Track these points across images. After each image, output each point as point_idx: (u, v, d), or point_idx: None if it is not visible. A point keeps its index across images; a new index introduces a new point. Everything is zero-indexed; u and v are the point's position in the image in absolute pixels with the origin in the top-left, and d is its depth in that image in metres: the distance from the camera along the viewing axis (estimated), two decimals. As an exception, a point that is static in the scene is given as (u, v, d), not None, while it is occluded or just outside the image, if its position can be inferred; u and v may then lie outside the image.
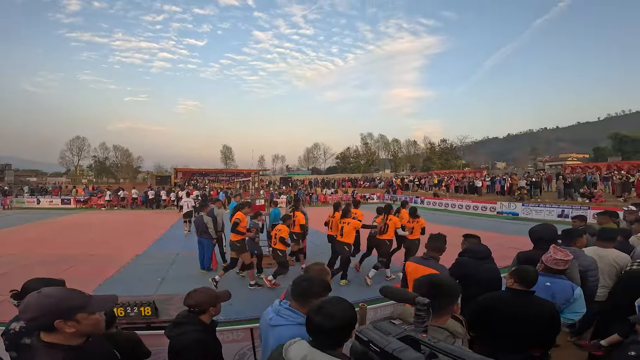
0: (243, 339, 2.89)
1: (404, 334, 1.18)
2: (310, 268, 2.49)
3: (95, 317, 1.38)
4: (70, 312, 1.31)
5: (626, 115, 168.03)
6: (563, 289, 2.56)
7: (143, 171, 66.18)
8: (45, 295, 1.31)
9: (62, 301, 1.31)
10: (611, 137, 51.84)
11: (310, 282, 1.96)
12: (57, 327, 1.29)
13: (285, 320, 1.85)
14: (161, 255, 8.88)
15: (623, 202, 14.47)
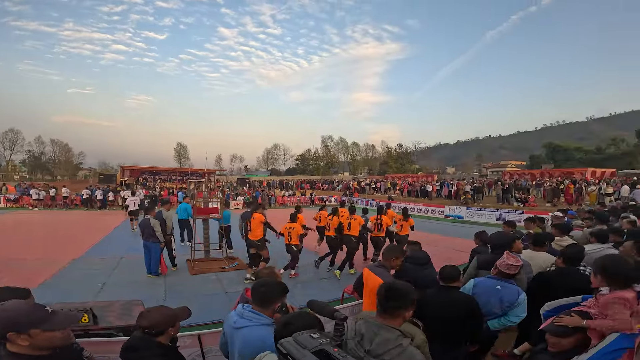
0: (191, 345, 2.88)
1: (319, 348, 1.22)
2: (261, 272, 2.56)
3: (50, 334, 1.40)
4: (24, 327, 1.34)
5: (560, 125, 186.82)
6: (511, 293, 2.81)
7: (85, 168, 61.22)
8: (3, 309, 1.36)
9: (19, 316, 1.35)
10: (545, 146, 57.16)
11: (268, 286, 2.03)
12: (10, 339, 1.33)
13: (249, 322, 1.90)
14: (102, 259, 8.35)
15: (552, 207, 16.12)
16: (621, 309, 1.90)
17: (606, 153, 48.97)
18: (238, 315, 1.97)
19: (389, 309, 1.71)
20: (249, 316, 1.93)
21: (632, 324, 1.87)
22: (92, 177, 45.11)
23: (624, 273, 2.02)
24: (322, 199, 29.40)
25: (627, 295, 1.94)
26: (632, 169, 36.72)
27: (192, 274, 7.12)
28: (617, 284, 2.02)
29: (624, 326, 1.86)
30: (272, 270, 2.59)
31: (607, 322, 1.91)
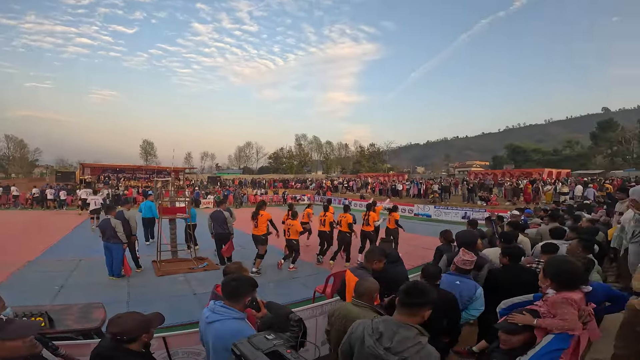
0: (157, 348, 2.82)
1: (273, 349, 1.23)
2: (228, 267, 2.58)
3: (11, 344, 1.36)
4: None
5: (520, 128, 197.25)
6: (469, 287, 2.99)
7: (42, 165, 57.39)
8: None
9: None
10: (507, 147, 60.27)
11: (238, 281, 2.09)
12: None
13: (221, 316, 1.95)
14: (60, 261, 7.93)
15: (512, 205, 17.03)
16: (570, 309, 1.95)
17: (562, 154, 52.38)
18: (210, 310, 2.02)
19: (411, 307, 1.75)
20: (220, 311, 1.98)
21: (579, 323, 1.94)
22: (48, 175, 42.24)
23: (571, 275, 2.06)
24: (294, 198, 29.40)
25: (574, 297, 1.99)
26: (586, 169, 39.59)
27: (159, 275, 6.91)
28: (564, 286, 2.06)
29: (573, 326, 1.92)
30: (239, 265, 2.63)
31: (557, 322, 1.95)
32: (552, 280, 2.10)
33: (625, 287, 5.01)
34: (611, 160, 46.08)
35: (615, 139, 46.20)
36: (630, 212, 4.85)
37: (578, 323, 1.95)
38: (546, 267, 2.18)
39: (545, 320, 2.01)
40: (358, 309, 2.34)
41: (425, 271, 2.92)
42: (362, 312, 2.29)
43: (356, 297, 2.44)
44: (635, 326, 2.47)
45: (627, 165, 41.37)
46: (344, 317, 2.36)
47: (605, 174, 32.29)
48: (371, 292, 2.44)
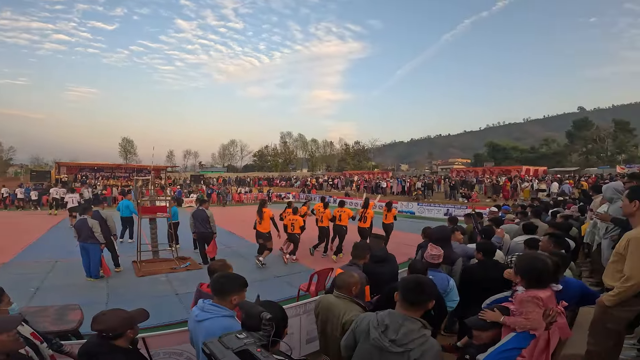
0: (135, 350, 2.77)
1: (243, 348, 1.22)
2: (212, 265, 2.59)
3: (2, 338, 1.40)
4: None
5: (500, 126, 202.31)
6: (441, 280, 3.05)
7: (16, 164, 55.09)
8: None
9: None
10: (487, 145, 61.71)
11: (227, 278, 2.12)
12: None
13: (211, 314, 1.97)
14: (35, 262, 7.68)
15: (492, 202, 17.49)
16: (534, 308, 1.94)
17: (539, 152, 54.03)
18: (199, 309, 2.03)
19: (417, 302, 1.81)
20: (210, 309, 2.00)
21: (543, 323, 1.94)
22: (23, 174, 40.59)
23: (540, 273, 2.06)
24: (279, 196, 29.28)
25: (541, 295, 1.99)
26: (562, 167, 40.98)
27: (139, 275, 6.76)
28: (534, 283, 2.06)
29: (536, 325, 1.92)
30: (224, 262, 2.65)
31: (521, 320, 1.96)
32: (522, 277, 2.10)
33: (598, 282, 5.20)
34: (586, 158, 47.80)
35: (590, 137, 47.91)
36: (604, 208, 5.05)
37: (541, 323, 1.94)
38: (517, 264, 2.18)
39: (510, 318, 2.02)
40: (339, 300, 2.49)
41: (412, 267, 3.00)
42: (342, 304, 2.44)
43: (336, 289, 2.57)
44: (605, 322, 2.49)
45: (601, 163, 43.06)
46: (327, 308, 2.54)
47: (580, 171, 33.51)
48: (349, 285, 2.53)
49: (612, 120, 48.89)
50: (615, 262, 2.49)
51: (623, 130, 45.70)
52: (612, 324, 2.49)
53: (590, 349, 2.70)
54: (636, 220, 2.49)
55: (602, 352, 2.63)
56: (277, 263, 7.99)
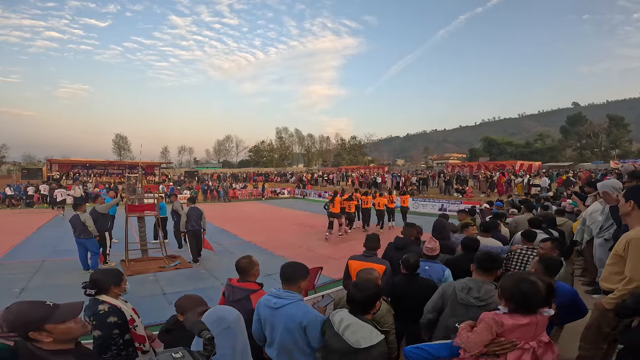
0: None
1: None
2: (239, 262, 2.73)
3: (67, 325, 1.46)
4: (33, 324, 1.39)
5: (496, 121, 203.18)
6: (437, 270, 3.25)
7: (8, 162, 54.38)
8: (9, 312, 1.42)
9: (20, 317, 1.40)
10: (482, 140, 61.83)
11: (294, 266, 2.35)
12: (33, 338, 1.39)
13: (288, 300, 2.19)
14: (21, 263, 7.53)
15: (487, 197, 17.50)
16: (483, 331, 1.70)
17: (534, 147, 54.16)
18: (276, 297, 2.24)
19: (489, 269, 2.40)
20: (286, 296, 2.22)
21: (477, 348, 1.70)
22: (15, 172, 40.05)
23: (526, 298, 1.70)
24: (274, 191, 29.16)
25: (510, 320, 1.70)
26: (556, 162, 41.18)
27: (127, 274, 6.62)
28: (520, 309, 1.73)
29: (468, 347, 1.71)
30: (250, 258, 2.78)
31: (462, 335, 1.77)
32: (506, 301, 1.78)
33: (590, 281, 5.16)
34: (580, 153, 48.06)
35: (584, 132, 48.10)
36: (595, 206, 4.97)
37: (475, 347, 1.69)
38: (501, 285, 1.86)
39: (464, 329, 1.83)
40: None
41: (405, 263, 3.05)
42: None
43: None
44: (602, 326, 2.45)
45: (595, 158, 43.31)
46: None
47: (574, 166, 33.69)
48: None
49: (607, 116, 49.11)
50: (614, 264, 2.41)
51: (617, 126, 45.94)
52: (609, 328, 2.43)
53: (583, 353, 2.64)
54: (631, 221, 2.42)
55: (594, 357, 2.57)
56: (269, 261, 7.87)
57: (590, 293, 4.68)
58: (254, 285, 2.63)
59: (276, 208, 20.78)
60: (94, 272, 2.49)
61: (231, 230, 12.10)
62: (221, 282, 6.50)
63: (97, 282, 2.34)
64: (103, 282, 2.36)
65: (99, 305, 2.23)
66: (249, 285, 2.61)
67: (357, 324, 1.99)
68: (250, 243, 9.99)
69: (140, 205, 7.55)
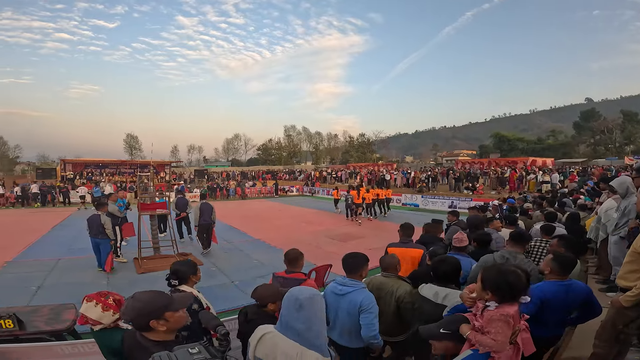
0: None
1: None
2: (288, 253, 2.98)
3: (179, 314, 1.55)
4: (158, 311, 1.48)
5: (506, 117, 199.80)
6: (465, 264, 3.25)
7: (23, 162, 55.66)
8: (136, 300, 1.51)
9: (149, 304, 1.49)
10: (493, 136, 60.97)
11: (355, 258, 2.57)
12: (152, 327, 1.47)
13: (352, 288, 2.45)
14: (37, 261, 7.67)
15: (497, 194, 17.29)
16: (505, 329, 1.76)
17: (546, 143, 53.31)
18: (341, 284, 2.50)
19: (520, 241, 3.18)
20: (350, 284, 2.47)
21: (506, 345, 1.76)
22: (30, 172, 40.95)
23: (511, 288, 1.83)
24: (283, 189, 29.28)
25: (510, 312, 1.80)
26: (569, 158, 40.42)
27: (140, 272, 6.75)
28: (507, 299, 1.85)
29: (501, 348, 1.74)
30: (297, 250, 3.01)
31: (488, 341, 1.77)
32: (492, 293, 1.87)
33: (605, 279, 5.07)
34: (594, 149, 47.13)
35: (597, 128, 47.14)
36: (610, 203, 4.88)
37: (506, 345, 1.76)
38: (484, 277, 1.94)
39: (477, 335, 1.82)
40: (388, 279, 2.89)
41: (432, 254, 3.37)
42: (391, 281, 2.86)
43: (383, 270, 2.97)
44: (617, 324, 2.42)
45: (609, 154, 42.43)
46: (378, 287, 2.86)
47: (587, 162, 33.02)
48: (393, 265, 2.93)
49: (620, 111, 48.00)
50: (632, 262, 2.37)
51: (631, 121, 44.94)
52: (625, 326, 2.39)
53: (597, 351, 2.60)
54: None
55: (608, 355, 2.53)
56: (278, 259, 7.92)
57: (604, 291, 4.59)
58: (301, 275, 2.88)
59: (285, 206, 20.87)
60: (174, 263, 2.60)
61: (240, 228, 12.19)
62: (231, 279, 6.58)
63: (178, 273, 2.46)
64: (184, 272, 2.50)
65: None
66: (298, 276, 2.86)
67: (453, 293, 2.33)
68: (259, 241, 10.05)
69: (153, 203, 7.66)
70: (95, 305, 1.93)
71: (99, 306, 1.93)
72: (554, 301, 2.39)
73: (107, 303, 1.96)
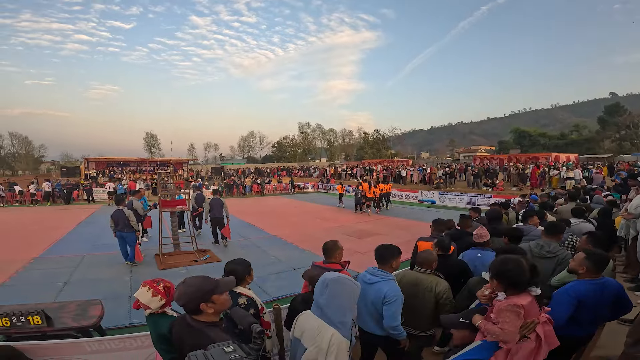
0: (149, 345, 2.77)
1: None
2: (326, 244, 3.09)
3: (224, 296, 1.67)
4: (207, 295, 1.60)
5: (526, 112, 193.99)
6: (488, 258, 3.32)
7: (48, 161, 57.81)
8: (188, 285, 1.63)
9: (200, 288, 1.61)
10: (513, 131, 59.35)
11: (387, 248, 2.67)
12: (202, 309, 1.59)
13: (380, 278, 2.54)
14: (63, 258, 7.89)
15: (518, 191, 16.82)
16: (513, 319, 1.76)
17: (569, 139, 51.51)
18: (370, 274, 2.61)
19: (555, 233, 3.44)
20: (379, 274, 2.57)
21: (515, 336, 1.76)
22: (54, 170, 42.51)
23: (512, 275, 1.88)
24: (298, 186, 29.37)
25: (522, 302, 1.80)
26: (593, 154, 38.95)
27: (161, 268, 6.89)
28: (510, 288, 1.89)
29: (508, 338, 1.74)
30: (335, 241, 3.11)
31: (495, 329, 1.77)
32: (497, 281, 1.93)
33: (633, 277, 4.90)
34: (619, 144, 45.35)
35: (622, 123, 45.32)
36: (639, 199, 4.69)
37: (515, 336, 1.75)
38: (490, 266, 2.02)
39: (487, 324, 1.84)
40: (424, 275, 2.92)
41: (440, 244, 3.54)
42: (429, 278, 2.89)
43: (418, 266, 3.03)
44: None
45: (635, 150, 40.62)
46: (413, 283, 2.90)
47: (613, 158, 31.75)
48: (430, 261, 2.97)
49: (646, 106, 45.83)
50: None
51: (658, 116, 42.84)
52: None
53: (628, 350, 2.53)
54: None
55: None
56: (294, 255, 7.96)
57: (632, 290, 4.45)
58: (337, 266, 2.91)
59: (300, 202, 20.94)
60: (229, 262, 2.54)
61: (257, 224, 12.30)
62: (249, 275, 6.64)
63: (235, 273, 2.34)
64: (241, 272, 2.40)
65: (238, 298, 2.28)
66: (333, 266, 2.89)
67: None
68: (276, 237, 10.12)
69: (173, 200, 7.80)
70: (147, 291, 2.01)
71: (150, 291, 2.00)
72: (589, 300, 2.36)
73: (157, 289, 2.03)
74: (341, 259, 3.08)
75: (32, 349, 2.54)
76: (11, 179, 26.92)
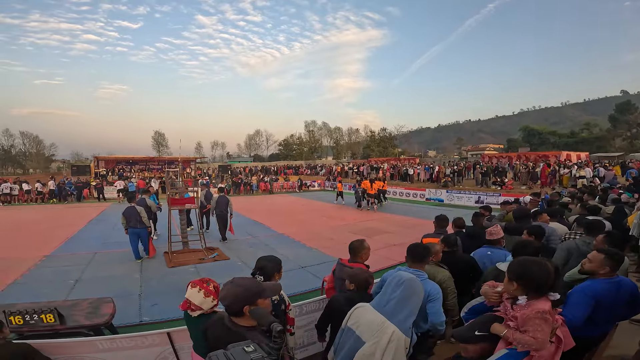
0: (160, 344, 2.79)
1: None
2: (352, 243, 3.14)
3: (268, 302, 1.68)
4: (254, 297, 1.58)
5: (536, 110, 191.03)
6: (498, 256, 3.47)
7: (58, 160, 58.65)
8: (236, 285, 1.61)
9: (248, 289, 1.60)
10: (522, 129, 58.53)
11: (423, 248, 2.73)
12: (244, 312, 1.56)
13: (420, 277, 2.46)
14: (74, 255, 7.96)
15: (528, 189, 16.60)
16: (543, 326, 1.71)
17: (579, 137, 50.63)
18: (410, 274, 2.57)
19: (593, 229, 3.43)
20: (417, 274, 2.52)
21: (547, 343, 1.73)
22: (65, 169, 43.09)
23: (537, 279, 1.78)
24: (305, 184, 29.39)
25: (545, 308, 1.75)
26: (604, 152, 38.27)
27: (170, 266, 6.95)
28: (532, 292, 1.81)
29: (541, 346, 1.70)
30: (362, 240, 3.14)
31: (527, 339, 1.71)
32: (518, 284, 1.81)
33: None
34: (630, 142, 44.55)
35: (634, 121, 44.58)
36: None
37: (547, 343, 1.71)
38: (510, 269, 1.88)
39: (515, 334, 1.76)
40: (427, 266, 2.90)
41: (446, 240, 3.58)
42: (431, 268, 2.97)
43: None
44: None
45: (648, 148, 39.86)
46: None
47: (624, 156, 31.16)
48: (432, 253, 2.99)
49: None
50: None
51: (671, 114, 41.92)
52: None
53: None
54: None
55: None
56: (303, 255, 7.95)
57: (644, 290, 4.37)
58: (362, 266, 2.91)
59: (307, 200, 20.94)
60: (260, 258, 2.53)
61: (265, 222, 12.32)
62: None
63: (266, 269, 2.38)
64: (271, 269, 2.42)
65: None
66: (358, 266, 2.90)
67: None
68: (283, 235, 10.13)
69: (182, 198, 7.84)
70: (199, 292, 2.00)
71: (201, 292, 2.00)
72: (606, 299, 2.34)
73: (208, 289, 2.03)
74: (367, 258, 3.08)
75: (43, 347, 2.53)
76: (21, 178, 27.33)
